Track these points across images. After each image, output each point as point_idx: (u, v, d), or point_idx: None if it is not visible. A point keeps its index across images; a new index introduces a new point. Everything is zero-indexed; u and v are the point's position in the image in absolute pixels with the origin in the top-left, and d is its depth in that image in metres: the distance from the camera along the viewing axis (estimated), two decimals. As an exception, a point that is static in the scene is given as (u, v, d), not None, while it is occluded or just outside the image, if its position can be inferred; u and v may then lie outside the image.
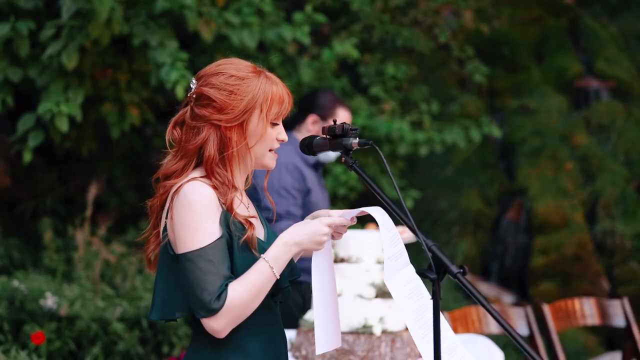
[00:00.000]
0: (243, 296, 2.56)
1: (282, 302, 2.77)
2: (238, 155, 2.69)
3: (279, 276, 2.62)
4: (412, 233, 2.61)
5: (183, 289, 2.59)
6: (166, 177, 2.69)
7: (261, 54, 6.82)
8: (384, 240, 2.63)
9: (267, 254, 2.61)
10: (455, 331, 4.93)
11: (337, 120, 4.94)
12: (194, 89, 2.72)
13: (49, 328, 5.79)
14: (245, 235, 2.61)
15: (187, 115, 2.71)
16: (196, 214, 2.57)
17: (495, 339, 5.77)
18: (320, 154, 2.85)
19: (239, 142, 2.67)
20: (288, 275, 2.71)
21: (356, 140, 2.73)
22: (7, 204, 7.80)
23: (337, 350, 4.12)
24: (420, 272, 2.54)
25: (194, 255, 2.56)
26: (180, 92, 5.78)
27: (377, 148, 2.68)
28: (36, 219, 7.55)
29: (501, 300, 8.19)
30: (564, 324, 5.58)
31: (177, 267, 2.60)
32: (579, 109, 9.84)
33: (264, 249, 2.64)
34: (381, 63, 7.93)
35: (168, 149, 2.74)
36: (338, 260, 4.30)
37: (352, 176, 7.35)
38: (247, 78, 2.69)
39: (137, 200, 7.00)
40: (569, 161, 9.14)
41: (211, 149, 2.66)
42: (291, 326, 4.48)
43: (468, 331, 5.08)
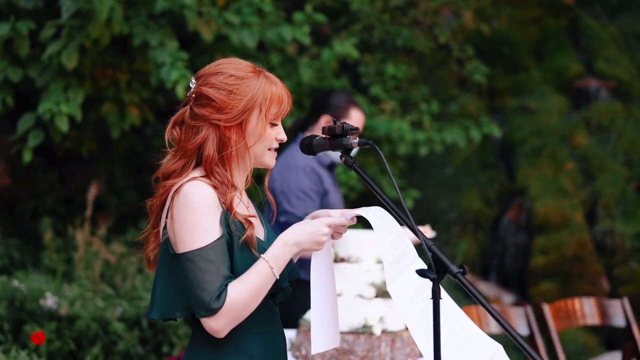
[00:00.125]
0: (243, 296, 2.56)
1: (282, 302, 2.78)
2: (237, 154, 2.69)
3: (279, 276, 2.62)
4: (412, 233, 2.60)
5: (183, 289, 2.59)
6: (166, 176, 2.69)
7: (261, 54, 6.82)
8: (382, 244, 2.61)
9: (267, 254, 2.61)
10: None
11: (351, 122, 4.96)
12: (193, 89, 2.72)
13: (49, 328, 5.79)
14: (245, 235, 2.61)
15: (187, 115, 2.71)
16: (196, 214, 2.57)
17: (495, 338, 5.74)
18: (319, 153, 2.84)
19: (238, 142, 2.67)
20: (288, 275, 2.71)
21: (356, 140, 2.73)
22: (7, 204, 7.79)
23: (337, 350, 4.12)
24: (421, 272, 2.53)
25: (194, 255, 2.56)
26: (181, 92, 5.78)
27: (377, 148, 2.67)
28: (36, 219, 7.54)
29: (501, 300, 8.18)
30: (564, 323, 5.58)
31: (177, 267, 2.60)
32: (579, 109, 9.83)
33: (264, 248, 2.64)
34: (381, 63, 7.93)
35: (167, 148, 2.74)
36: (338, 260, 4.30)
37: (352, 176, 7.34)
38: (246, 78, 2.69)
39: (137, 200, 7.00)
40: (569, 161, 9.13)
41: (210, 148, 2.66)
42: (291, 326, 4.48)
43: (468, 331, 5.07)
